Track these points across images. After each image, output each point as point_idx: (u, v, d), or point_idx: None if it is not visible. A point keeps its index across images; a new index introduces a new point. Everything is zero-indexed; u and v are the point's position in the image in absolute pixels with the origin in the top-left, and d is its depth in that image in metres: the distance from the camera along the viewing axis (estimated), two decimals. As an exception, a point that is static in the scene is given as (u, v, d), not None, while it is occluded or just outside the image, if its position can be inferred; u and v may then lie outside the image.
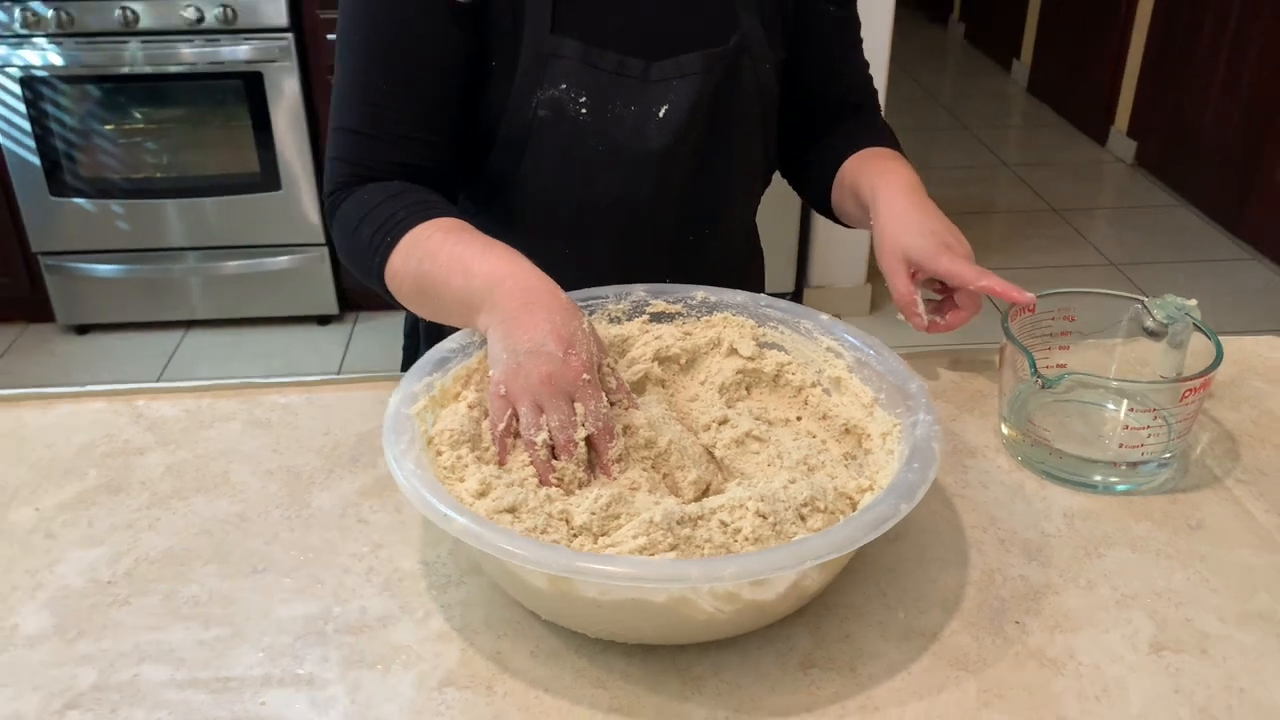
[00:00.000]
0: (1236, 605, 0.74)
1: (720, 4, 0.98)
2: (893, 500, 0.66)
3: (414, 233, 0.88)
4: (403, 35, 0.92)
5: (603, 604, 0.65)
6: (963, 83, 5.32)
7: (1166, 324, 0.89)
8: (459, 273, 0.83)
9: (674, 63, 0.96)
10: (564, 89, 0.94)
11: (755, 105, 1.01)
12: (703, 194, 1.03)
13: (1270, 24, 3.32)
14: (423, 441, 0.74)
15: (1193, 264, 3.40)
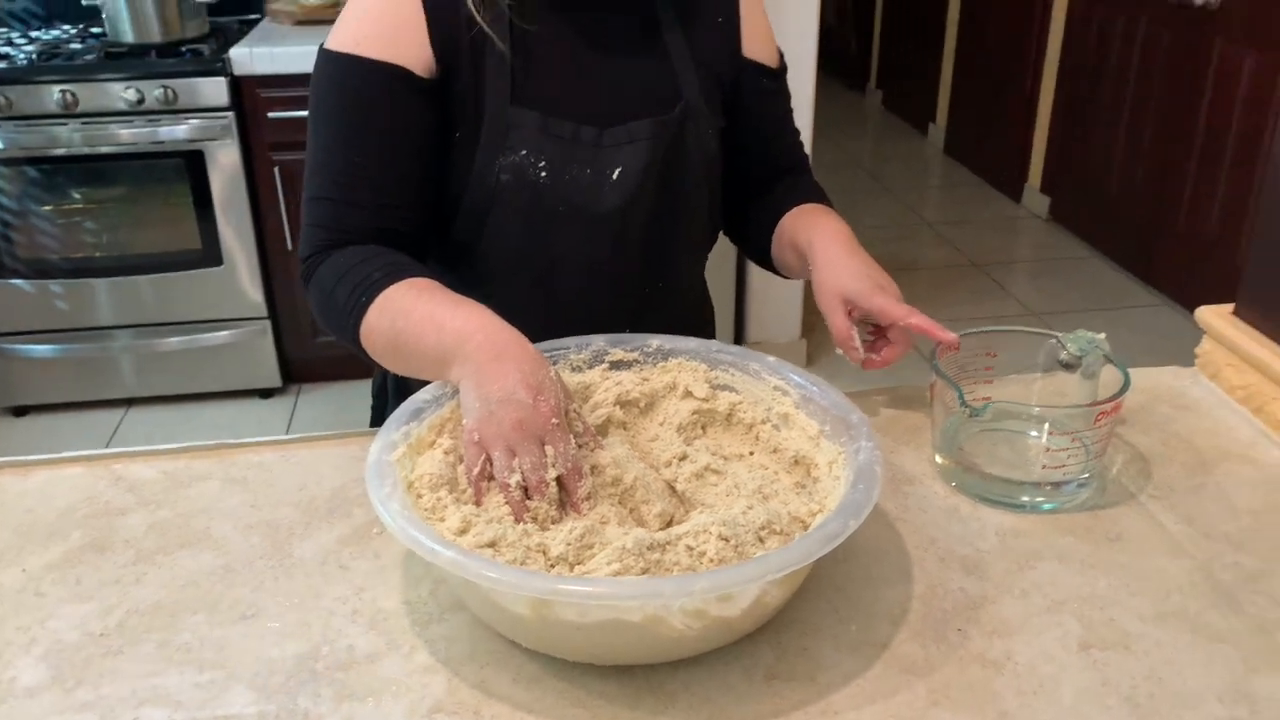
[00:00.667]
0: (1153, 606, 0.82)
1: (665, 77, 1.07)
2: (842, 518, 0.73)
3: (388, 292, 0.93)
4: (372, 109, 0.98)
5: (582, 625, 0.70)
6: (883, 147, 5.54)
7: (1079, 356, 0.98)
8: (432, 329, 0.88)
9: (625, 129, 1.04)
10: (524, 155, 1.01)
11: (700, 168, 1.10)
12: (656, 250, 1.10)
13: (1163, 85, 3.54)
14: (403, 486, 0.79)
15: (1108, 311, 3.57)
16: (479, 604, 0.76)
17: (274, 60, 2.66)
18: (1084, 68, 4.01)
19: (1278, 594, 0.83)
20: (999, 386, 1.01)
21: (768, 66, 1.14)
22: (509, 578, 0.67)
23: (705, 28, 1.10)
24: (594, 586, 0.67)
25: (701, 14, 1.10)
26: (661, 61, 1.07)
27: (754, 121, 1.15)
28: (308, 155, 1.01)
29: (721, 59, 1.11)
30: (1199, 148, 3.38)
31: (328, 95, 1.00)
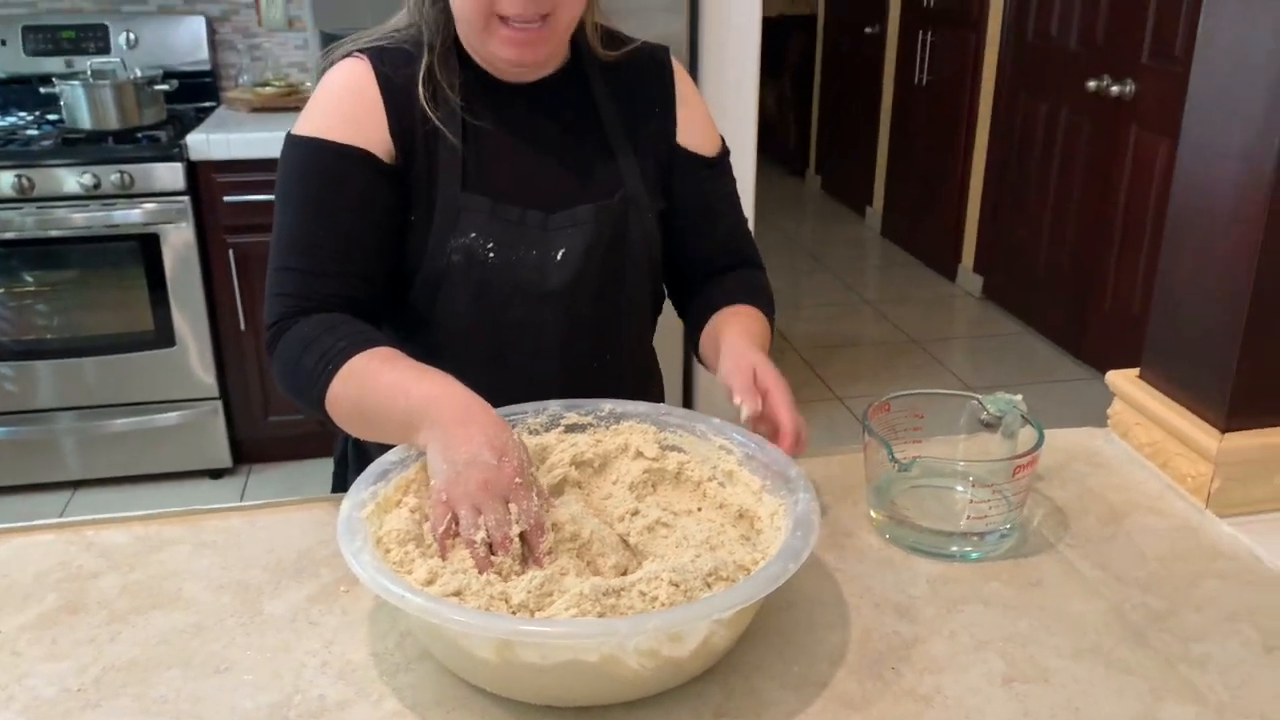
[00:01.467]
0: (1070, 644, 0.89)
1: (606, 165, 1.15)
2: (782, 562, 0.79)
3: (353, 361, 0.99)
4: (338, 186, 1.06)
5: (544, 668, 0.75)
6: (822, 229, 5.72)
7: (999, 416, 1.06)
8: (400, 395, 0.94)
9: (569, 214, 1.12)
10: (474, 237, 1.09)
11: (642, 249, 1.17)
12: (602, 325, 1.17)
13: (1085, 170, 3.74)
14: (372, 542, 0.84)
15: (1041, 385, 3.70)
16: (445, 651, 0.81)
17: (230, 146, 2.73)
18: (1011, 154, 4.22)
19: (1182, 631, 0.90)
20: (926, 446, 1.08)
21: (702, 155, 1.20)
22: (475, 620, 0.72)
23: (644, 117, 1.18)
24: (554, 627, 0.73)
25: (640, 104, 1.18)
26: (603, 150, 1.15)
27: (689, 207, 1.21)
28: (275, 232, 1.08)
29: (659, 147, 1.18)
30: (1120, 228, 3.56)
31: (295, 174, 1.07)
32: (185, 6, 3.22)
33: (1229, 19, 1.03)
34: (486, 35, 1.05)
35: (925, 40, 4.81)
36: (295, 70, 3.31)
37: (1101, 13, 3.59)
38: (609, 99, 1.16)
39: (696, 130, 1.21)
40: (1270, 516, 1.07)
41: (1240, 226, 1.03)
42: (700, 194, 1.21)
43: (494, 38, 1.05)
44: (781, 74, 6.50)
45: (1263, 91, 0.99)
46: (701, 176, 1.21)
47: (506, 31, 1.04)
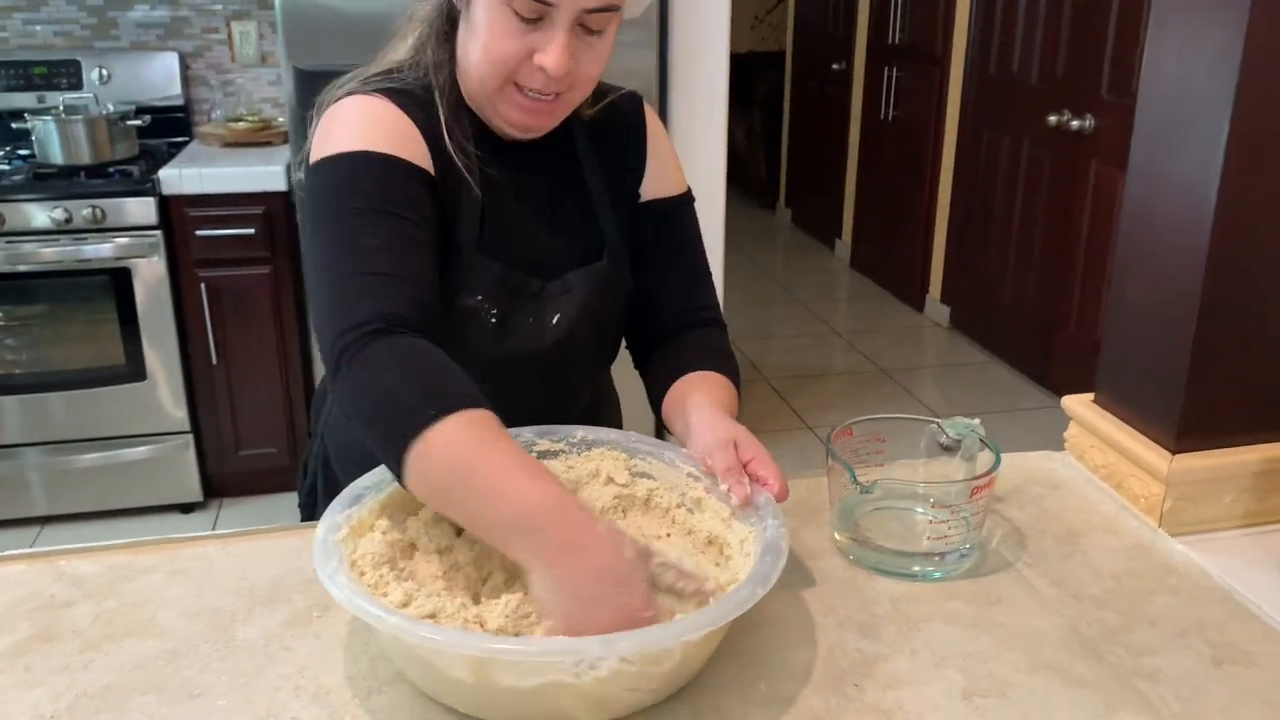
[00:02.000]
0: (1028, 659, 0.91)
1: (591, 223, 1.15)
2: (751, 586, 0.81)
3: (462, 419, 0.86)
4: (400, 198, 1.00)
5: (518, 690, 0.77)
6: (793, 261, 5.79)
7: (958, 440, 1.09)
8: (506, 493, 0.82)
9: (562, 281, 1.12)
10: (480, 300, 1.07)
11: (623, 302, 1.19)
12: (578, 377, 1.20)
13: (1048, 202, 3.82)
14: (347, 565, 0.85)
15: (1007, 413, 3.76)
16: (420, 673, 0.82)
17: (202, 180, 2.75)
18: (976, 187, 4.30)
19: (1135, 646, 0.93)
20: (889, 470, 1.11)
21: (662, 200, 1.19)
22: (448, 638, 0.74)
23: (619, 172, 1.18)
24: (526, 645, 0.75)
25: (616, 159, 1.17)
26: (586, 209, 1.15)
27: (649, 248, 1.19)
28: (326, 250, 0.98)
29: (630, 201, 1.19)
30: (1082, 259, 3.64)
31: (347, 187, 0.99)
32: (158, 43, 3.24)
33: (1171, 54, 1.08)
34: (500, 98, 1.04)
35: (891, 77, 4.90)
36: (268, 105, 3.34)
37: (1061, 49, 3.69)
38: (590, 155, 1.16)
39: (661, 178, 1.20)
40: (1220, 535, 1.11)
41: (1185, 255, 1.07)
42: (656, 236, 1.20)
43: (506, 101, 1.04)
44: (751, 109, 6.59)
45: (1204, 125, 1.03)
46: (660, 220, 1.20)
47: (520, 99, 1.03)
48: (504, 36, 1.00)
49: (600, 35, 1.02)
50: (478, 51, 1.02)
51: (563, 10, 0.98)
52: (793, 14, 6.19)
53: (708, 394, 1.07)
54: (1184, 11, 1.06)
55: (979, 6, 4.20)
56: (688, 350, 1.16)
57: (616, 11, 1.02)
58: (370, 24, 1.14)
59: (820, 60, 5.73)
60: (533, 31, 0.99)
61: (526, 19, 0.98)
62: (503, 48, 1.00)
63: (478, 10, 1.01)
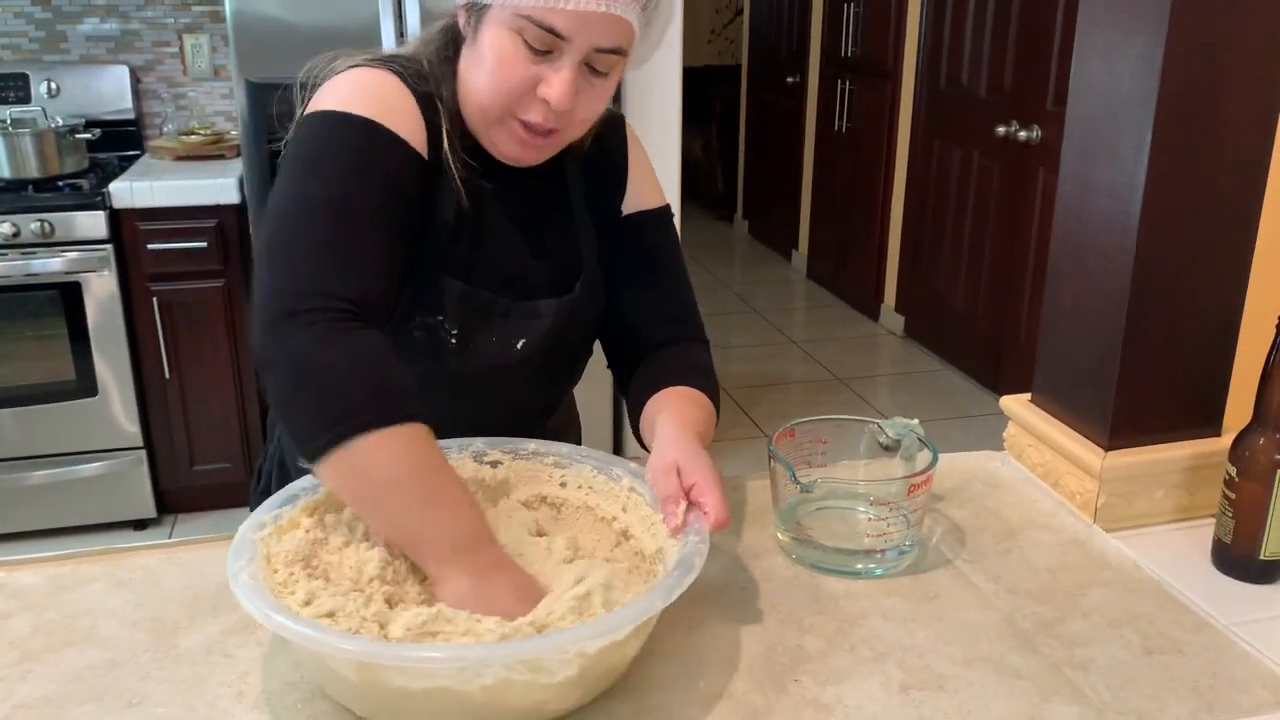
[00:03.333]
0: (964, 652, 0.93)
1: (570, 245, 1.15)
2: (650, 599, 0.81)
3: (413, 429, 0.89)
4: (383, 170, 0.99)
5: (409, 692, 0.77)
6: (750, 272, 5.83)
7: (897, 440, 1.11)
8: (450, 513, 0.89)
9: (532, 305, 1.11)
10: (440, 319, 1.06)
11: (591, 326, 1.19)
12: (539, 397, 1.20)
13: (998, 212, 3.88)
14: (262, 560, 0.86)
15: (961, 419, 3.80)
16: (316, 673, 0.84)
17: (154, 194, 2.73)
18: (928, 198, 4.37)
19: (1068, 638, 0.95)
20: (831, 470, 1.13)
21: (639, 213, 1.19)
22: (329, 639, 0.76)
23: (602, 194, 1.18)
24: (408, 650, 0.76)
25: (600, 182, 1.18)
26: (568, 229, 1.15)
27: (627, 264, 1.19)
28: (294, 199, 0.97)
29: (610, 216, 1.19)
30: (1032, 268, 3.69)
31: (335, 145, 0.98)
32: (109, 56, 3.22)
33: (1098, 61, 1.11)
34: (498, 128, 1.04)
35: (844, 89, 4.96)
36: (221, 119, 3.32)
37: (1008, 63, 3.76)
38: (577, 175, 1.16)
39: (642, 193, 1.21)
40: (1152, 529, 1.14)
41: (1113, 258, 1.10)
42: (635, 252, 1.20)
43: (504, 131, 1.04)
44: (708, 122, 6.64)
45: (1129, 130, 1.07)
46: (635, 235, 1.20)
47: (518, 131, 1.03)
48: (512, 64, 0.99)
49: (605, 78, 1.02)
50: (483, 78, 1.01)
51: (574, 45, 0.98)
52: (748, 28, 6.24)
53: (673, 412, 1.07)
54: (1108, 19, 1.09)
55: (929, 21, 4.27)
56: (665, 366, 1.15)
57: (624, 56, 1.02)
58: (322, 36, 1.15)
59: (775, 73, 5.78)
60: (541, 63, 0.99)
61: (537, 50, 0.98)
62: (509, 76, 1.00)
63: (485, 37, 1.01)
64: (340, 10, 2.63)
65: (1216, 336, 1.13)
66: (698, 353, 1.19)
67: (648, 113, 2.91)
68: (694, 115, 5.70)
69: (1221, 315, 1.13)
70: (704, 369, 1.16)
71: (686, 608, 0.98)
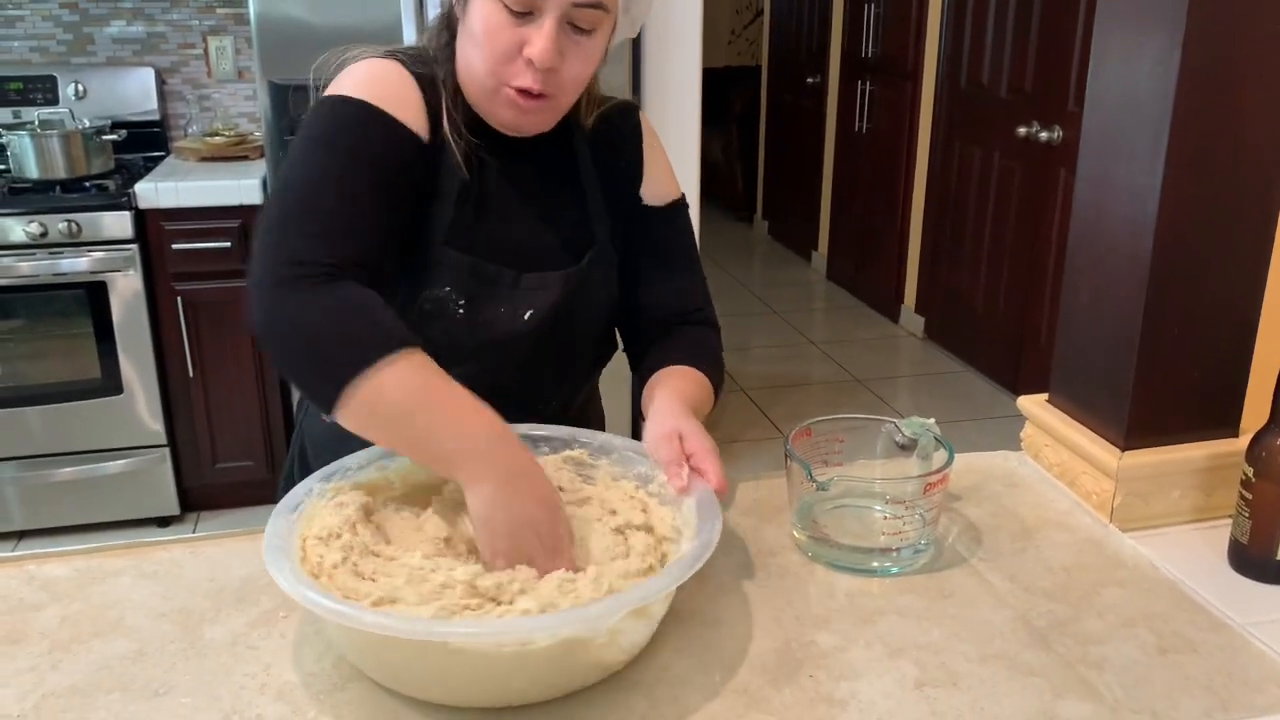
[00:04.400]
0: (978, 649, 0.94)
1: (581, 222, 1.18)
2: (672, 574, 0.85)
3: (415, 356, 0.94)
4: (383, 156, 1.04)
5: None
6: (769, 273, 5.83)
7: (914, 438, 1.12)
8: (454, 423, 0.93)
9: (540, 276, 1.14)
10: (447, 291, 1.10)
11: (603, 307, 1.21)
12: (554, 374, 1.22)
13: (1019, 212, 3.87)
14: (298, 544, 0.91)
15: (981, 421, 3.80)
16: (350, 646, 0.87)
17: (179, 194, 2.76)
18: (948, 198, 4.36)
19: (1082, 635, 0.96)
20: (847, 469, 1.13)
21: (655, 205, 1.23)
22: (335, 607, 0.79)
23: (616, 176, 1.20)
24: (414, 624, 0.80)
25: (615, 164, 1.20)
26: (578, 205, 1.18)
27: (642, 253, 1.22)
28: (300, 171, 1.02)
29: (625, 202, 1.21)
30: (1052, 268, 3.68)
31: (341, 127, 1.04)
32: (135, 58, 3.26)
33: (1115, 62, 1.11)
34: (495, 98, 1.07)
35: (864, 90, 4.96)
36: (244, 120, 3.35)
37: (1029, 63, 3.74)
38: (588, 157, 1.19)
39: (658, 183, 1.23)
40: (1168, 529, 1.14)
41: (1130, 258, 1.10)
42: (652, 240, 1.23)
43: (500, 100, 1.07)
44: (728, 123, 6.64)
45: (1146, 130, 1.07)
46: (653, 224, 1.23)
47: (514, 97, 1.06)
48: (496, 31, 1.03)
49: (590, 35, 1.05)
50: (474, 50, 1.06)
51: (551, 2, 1.02)
52: (768, 29, 6.24)
53: (671, 387, 1.11)
54: (1126, 19, 1.09)
55: (949, 21, 4.26)
56: (672, 347, 1.20)
57: (606, 12, 1.05)
58: (344, 38, 1.17)
59: (795, 74, 5.78)
60: (523, 25, 1.03)
61: (516, 12, 1.02)
62: (495, 42, 1.03)
63: (472, 12, 1.05)
64: (362, 12, 2.65)
65: (1234, 337, 1.13)
66: (706, 336, 1.23)
67: (667, 113, 2.93)
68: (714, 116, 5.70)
69: (1239, 315, 1.13)
70: (709, 351, 1.21)
71: (703, 603, 0.99)
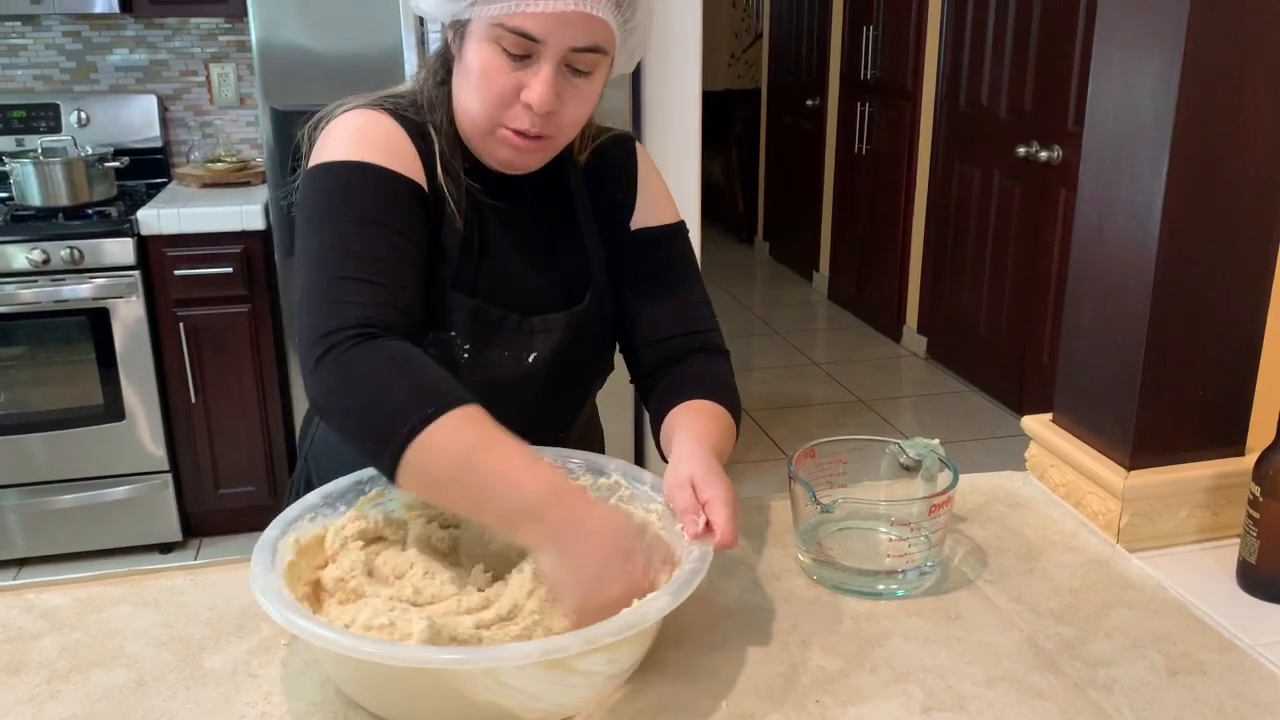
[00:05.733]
0: (986, 672, 0.93)
1: (579, 258, 1.17)
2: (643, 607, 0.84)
3: (463, 413, 0.91)
4: (393, 211, 1.04)
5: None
6: (771, 294, 5.83)
7: (918, 459, 1.11)
8: (511, 481, 0.89)
9: (543, 319, 1.13)
10: (452, 335, 1.10)
11: (604, 338, 1.21)
12: (558, 408, 1.22)
13: (1020, 232, 3.88)
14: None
15: (985, 440, 3.78)
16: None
17: (181, 221, 2.77)
18: (949, 218, 4.36)
19: (1091, 658, 0.95)
20: (851, 491, 1.13)
21: (651, 229, 1.20)
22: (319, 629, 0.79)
23: (610, 208, 1.20)
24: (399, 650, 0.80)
25: (608, 195, 1.20)
26: (576, 244, 1.17)
27: (640, 279, 1.20)
28: (317, 248, 1.02)
29: (619, 231, 1.20)
30: (1054, 288, 3.68)
31: (343, 193, 1.03)
32: (137, 85, 3.27)
33: (1115, 82, 1.11)
34: (491, 139, 1.07)
35: (864, 112, 4.98)
36: (246, 146, 3.37)
37: (1028, 83, 3.76)
38: (582, 190, 1.18)
39: (652, 208, 1.22)
40: (1176, 549, 1.13)
41: (1133, 277, 1.10)
42: (651, 267, 1.21)
43: (496, 140, 1.06)
44: (729, 145, 6.66)
45: (1147, 150, 1.07)
46: (651, 251, 1.21)
47: (510, 136, 1.05)
48: (494, 74, 1.02)
49: (588, 78, 1.05)
50: (470, 91, 1.05)
51: (549, 47, 1.00)
52: (767, 52, 6.27)
53: (690, 428, 1.08)
54: (1126, 39, 1.09)
55: (948, 42, 4.28)
56: (685, 380, 1.16)
57: (604, 55, 1.04)
58: (345, 65, 1.17)
59: (795, 96, 5.80)
60: (521, 69, 1.02)
61: (515, 55, 1.01)
62: (493, 86, 1.03)
63: (469, 52, 1.04)
64: (363, 39, 2.67)
65: (1238, 355, 1.13)
66: (718, 366, 1.20)
67: (667, 136, 2.93)
68: (714, 139, 5.73)
69: (1243, 333, 1.12)
70: (724, 382, 1.17)
71: (708, 629, 0.98)
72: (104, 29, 3.22)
